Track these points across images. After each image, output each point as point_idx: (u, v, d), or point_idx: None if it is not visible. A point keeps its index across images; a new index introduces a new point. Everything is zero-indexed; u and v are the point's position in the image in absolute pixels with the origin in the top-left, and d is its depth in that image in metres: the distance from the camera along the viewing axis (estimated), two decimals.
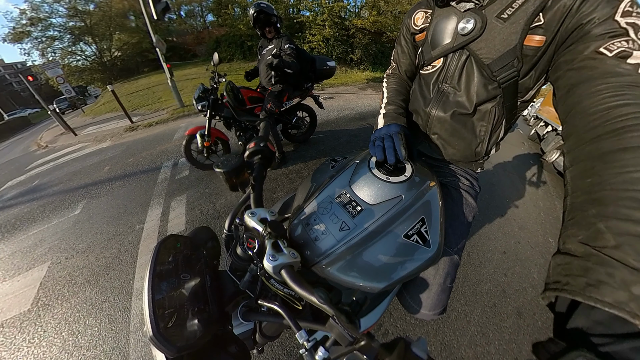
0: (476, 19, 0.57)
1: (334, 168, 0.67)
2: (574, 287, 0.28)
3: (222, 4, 16.54)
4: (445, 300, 0.68)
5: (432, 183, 0.57)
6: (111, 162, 3.85)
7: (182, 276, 0.43)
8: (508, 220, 2.71)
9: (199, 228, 0.56)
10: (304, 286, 0.36)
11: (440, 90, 0.72)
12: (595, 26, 0.41)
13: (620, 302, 0.24)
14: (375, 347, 0.31)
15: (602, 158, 0.33)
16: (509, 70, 0.57)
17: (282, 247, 0.41)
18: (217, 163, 0.51)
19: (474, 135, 0.72)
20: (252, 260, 0.47)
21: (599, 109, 0.37)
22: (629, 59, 0.37)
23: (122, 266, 1.86)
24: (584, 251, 0.29)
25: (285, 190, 2.63)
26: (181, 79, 10.37)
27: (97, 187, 3.09)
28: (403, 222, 0.51)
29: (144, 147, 4.24)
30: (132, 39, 20.12)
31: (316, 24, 11.82)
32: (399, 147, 0.60)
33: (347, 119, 5.03)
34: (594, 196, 0.32)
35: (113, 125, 6.22)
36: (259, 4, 2.34)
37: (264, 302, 0.46)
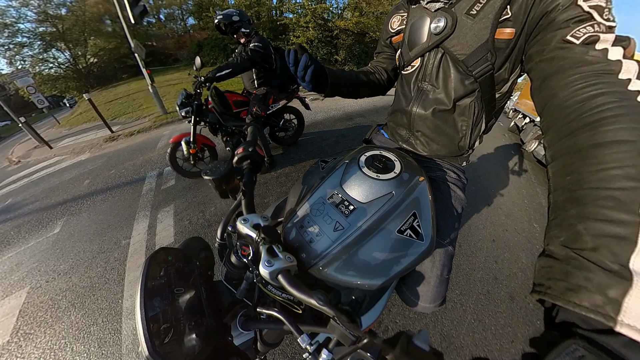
0: (447, 17, 0.60)
1: (324, 169, 0.67)
2: (555, 291, 0.29)
3: (203, 7, 16.23)
4: (443, 291, 0.69)
5: (421, 178, 0.58)
6: (91, 175, 3.66)
7: (175, 290, 0.41)
8: (495, 209, 2.81)
9: (191, 239, 0.55)
10: (303, 289, 0.36)
11: (420, 88, 0.75)
12: (559, 13, 0.42)
13: (597, 305, 0.25)
14: (378, 344, 0.31)
15: (579, 154, 0.33)
16: (483, 64, 0.59)
17: (277, 252, 0.41)
18: (206, 170, 0.50)
19: (456, 130, 0.74)
20: (248, 268, 0.46)
21: (573, 102, 0.37)
22: (597, 45, 0.38)
23: (109, 285, 1.77)
24: (564, 254, 0.30)
25: (276, 194, 2.61)
26: (163, 85, 10.05)
27: (77, 203, 2.92)
28: (395, 218, 0.52)
29: (126, 158, 4.07)
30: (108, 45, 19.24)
31: (299, 26, 11.90)
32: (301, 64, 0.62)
33: (334, 119, 5.07)
34: (573, 195, 0.32)
35: (92, 136, 5.90)
36: (217, 14, 2.29)
37: (263, 310, 0.46)
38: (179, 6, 21.41)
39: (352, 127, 4.65)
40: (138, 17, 4.47)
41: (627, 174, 0.28)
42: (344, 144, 3.87)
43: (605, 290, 0.25)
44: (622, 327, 0.23)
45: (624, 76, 0.35)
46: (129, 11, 4.36)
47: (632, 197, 0.27)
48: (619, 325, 0.23)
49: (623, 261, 0.25)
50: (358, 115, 5.46)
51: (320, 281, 0.55)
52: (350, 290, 0.63)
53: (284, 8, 13.22)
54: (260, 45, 2.36)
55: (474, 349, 1.41)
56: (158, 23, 22.55)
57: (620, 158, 0.30)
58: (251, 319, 0.46)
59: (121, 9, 4.56)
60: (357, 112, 5.72)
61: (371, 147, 0.66)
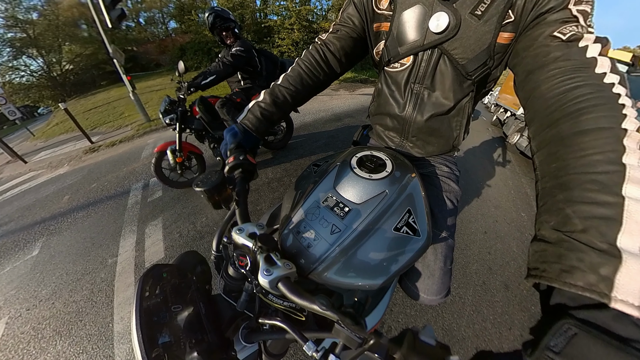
0: (450, 15, 0.53)
1: (316, 173, 0.67)
2: (550, 274, 0.30)
3: (185, 10, 15.89)
4: (448, 282, 0.70)
5: (413, 175, 0.59)
6: (71, 190, 3.47)
7: (173, 308, 0.40)
8: (484, 202, 2.90)
9: (185, 253, 0.53)
10: (304, 296, 0.35)
11: (413, 92, 0.69)
12: (551, 14, 0.44)
13: (591, 284, 0.26)
14: (384, 344, 0.31)
15: (563, 142, 0.35)
16: (482, 68, 0.58)
17: (275, 259, 0.40)
18: (197, 182, 0.49)
19: (452, 130, 0.74)
20: (247, 279, 0.45)
21: (555, 93, 0.39)
22: (580, 42, 0.41)
23: (97, 309, 1.69)
24: (556, 237, 0.31)
25: (269, 201, 2.58)
26: (145, 91, 9.77)
27: (56, 221, 2.77)
28: (391, 216, 0.52)
29: (108, 170, 3.90)
30: (85, 50, 18.24)
31: (284, 28, 11.94)
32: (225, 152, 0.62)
33: (323, 120, 5.10)
34: (560, 181, 0.34)
35: (70, 148, 5.61)
36: (213, 7, 2.29)
37: (265, 320, 0.45)
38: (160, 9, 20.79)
39: (341, 127, 4.68)
40: (116, 21, 4.31)
41: (608, 158, 0.31)
42: (334, 145, 3.89)
43: (598, 269, 0.26)
44: (617, 303, 0.24)
45: (599, 70, 0.38)
46: (105, 15, 4.19)
47: (614, 179, 0.29)
48: (613, 301, 0.24)
49: (611, 240, 0.27)
50: (347, 115, 5.51)
51: (321, 286, 0.54)
52: (352, 292, 0.63)
53: (268, 10, 13.21)
54: (242, 49, 2.37)
55: (475, 340, 1.44)
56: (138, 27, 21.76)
57: (600, 144, 0.32)
58: (254, 331, 0.45)
59: (97, 13, 4.39)
60: (346, 112, 5.77)
61: (362, 148, 0.67)
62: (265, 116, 0.69)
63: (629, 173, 0.29)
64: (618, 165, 0.30)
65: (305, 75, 0.73)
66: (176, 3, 17.62)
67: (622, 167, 0.29)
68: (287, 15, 12.16)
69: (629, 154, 0.30)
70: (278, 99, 0.71)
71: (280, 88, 0.72)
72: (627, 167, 0.29)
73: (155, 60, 19.41)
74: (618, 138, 0.31)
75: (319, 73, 0.75)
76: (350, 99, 7.45)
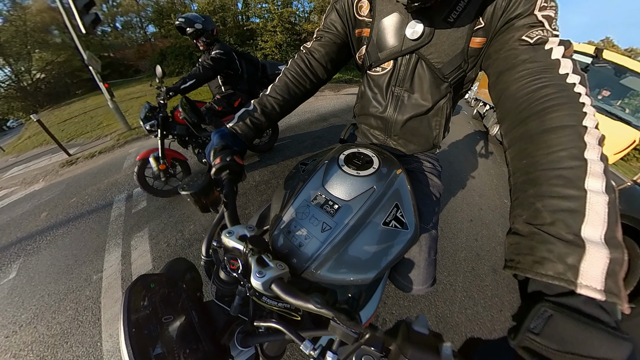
0: (424, 23, 0.57)
1: (304, 172, 0.67)
2: (524, 265, 0.32)
3: (164, 14, 15.09)
4: (433, 272, 0.73)
5: (399, 171, 0.60)
6: (48, 206, 3.25)
7: (164, 319, 0.39)
8: (469, 191, 3.01)
9: (173, 261, 0.51)
10: (298, 295, 0.35)
11: (394, 94, 0.73)
12: (519, 19, 0.48)
13: (559, 273, 0.28)
14: (380, 337, 0.32)
15: (532, 139, 0.37)
16: (457, 71, 0.62)
17: (267, 261, 0.40)
18: (182, 185, 0.48)
19: (431, 130, 0.78)
20: (239, 282, 0.45)
21: (523, 93, 0.42)
22: (546, 45, 0.44)
23: (83, 328, 1.60)
24: (528, 230, 0.33)
25: (257, 204, 2.55)
26: (125, 99, 9.23)
27: (34, 241, 2.59)
28: (380, 211, 0.53)
29: (88, 183, 3.69)
30: (57, 57, 16.70)
31: (267, 31, 11.76)
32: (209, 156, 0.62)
33: (309, 121, 5.09)
34: (530, 177, 0.36)
35: (45, 162, 5.18)
36: (177, 18, 2.20)
37: (261, 323, 0.44)
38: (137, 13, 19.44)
39: (327, 127, 4.70)
40: (90, 26, 4.02)
41: (572, 154, 0.33)
42: (321, 145, 3.90)
43: (565, 259, 0.28)
44: (582, 289, 0.27)
45: (562, 71, 0.40)
46: (78, 20, 3.90)
47: (577, 174, 0.31)
48: (578, 287, 0.27)
49: (576, 231, 0.29)
50: (332, 115, 5.53)
51: (314, 284, 0.54)
52: (345, 288, 0.64)
53: (250, 13, 12.92)
54: (221, 52, 2.32)
55: (468, 325, 1.49)
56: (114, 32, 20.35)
57: (564, 141, 0.34)
58: (250, 335, 0.45)
59: (69, 18, 4.07)
60: (331, 112, 5.79)
61: (349, 146, 0.67)
62: (254, 124, 0.71)
63: (590, 167, 0.31)
64: (580, 161, 0.32)
65: (292, 85, 0.76)
66: (154, 7, 16.77)
67: (584, 162, 0.32)
68: (270, 18, 12.00)
69: (589, 149, 0.32)
70: (266, 108, 0.73)
71: (268, 98, 0.74)
72: (589, 162, 0.32)
73: (134, 66, 18.28)
74: (579, 135, 0.34)
75: (305, 81, 0.77)
76: (336, 99, 7.48)
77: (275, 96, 0.74)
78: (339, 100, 7.33)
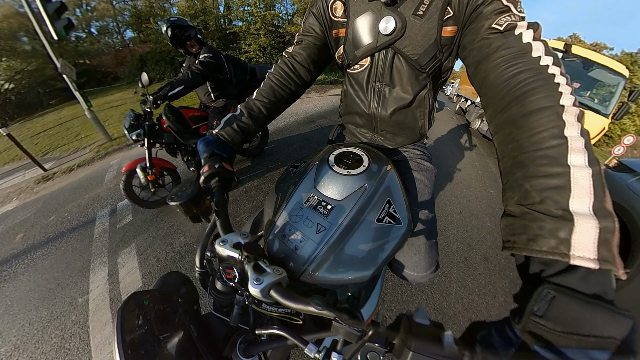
0: (395, 18, 0.59)
1: (295, 174, 0.67)
2: (520, 244, 0.33)
3: (142, 18, 14.35)
4: (435, 256, 0.72)
5: (389, 167, 0.60)
6: (24, 226, 3.01)
7: (161, 337, 0.37)
8: (457, 184, 3.10)
9: (167, 275, 0.50)
10: (298, 299, 0.35)
11: (375, 90, 0.74)
12: (485, 6, 0.49)
13: (553, 247, 0.29)
14: (383, 332, 0.32)
15: (515, 124, 0.39)
16: (434, 61, 0.63)
17: (264, 267, 0.39)
18: (171, 196, 0.46)
19: (416, 121, 0.79)
20: (237, 291, 0.44)
21: (501, 80, 0.43)
22: (515, 30, 0.45)
23: (71, 356, 1.50)
24: (520, 211, 0.34)
25: (248, 210, 2.51)
26: (104, 108, 8.67)
27: (9, 265, 2.40)
28: (372, 209, 0.53)
29: (67, 199, 3.46)
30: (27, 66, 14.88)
31: (250, 34, 11.63)
32: None
33: (297, 124, 5.08)
34: (517, 160, 0.37)
35: (18, 179, 4.69)
36: (169, 19, 2.18)
37: (262, 331, 0.43)
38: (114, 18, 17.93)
39: (315, 129, 4.71)
40: (61, 32, 3.76)
41: (552, 134, 0.34)
42: (310, 147, 3.90)
43: (557, 233, 0.29)
44: (575, 260, 0.27)
45: (535, 54, 0.42)
46: (49, 26, 3.64)
47: (560, 152, 0.33)
48: (572, 259, 0.28)
49: (564, 206, 0.30)
50: (319, 117, 5.55)
51: (313, 286, 0.54)
52: (344, 287, 0.63)
53: (232, 16, 12.70)
54: (210, 55, 2.26)
55: (465, 313, 1.53)
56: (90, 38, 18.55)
57: (544, 122, 0.35)
58: (252, 344, 0.43)
59: (39, 24, 3.79)
60: (318, 114, 5.82)
61: (338, 146, 0.68)
62: (241, 128, 0.70)
63: (571, 144, 0.33)
64: (561, 139, 0.33)
65: (277, 88, 0.77)
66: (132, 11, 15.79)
67: (564, 139, 0.33)
68: (252, 21, 11.85)
69: (568, 127, 0.34)
70: (253, 111, 0.73)
71: (255, 101, 0.74)
72: (569, 139, 0.33)
73: (113, 73, 16.93)
74: (558, 114, 0.35)
75: (290, 84, 0.78)
76: (322, 100, 7.53)
77: (261, 99, 0.74)
78: (325, 101, 7.37)
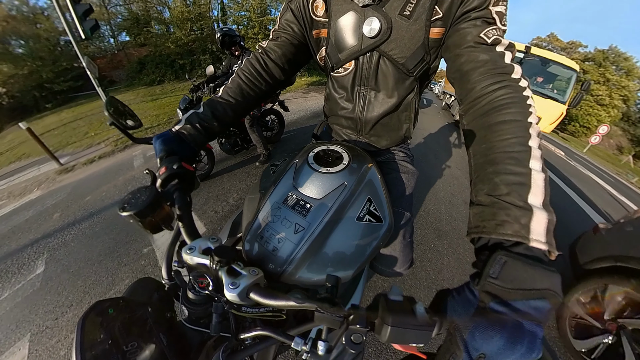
0: (380, 19, 0.47)
1: (275, 173, 0.55)
2: (488, 229, 0.31)
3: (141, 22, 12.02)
4: (410, 253, 0.65)
5: (370, 164, 0.50)
6: (58, 208, 2.57)
7: (127, 347, 0.28)
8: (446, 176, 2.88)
9: (137, 281, 0.40)
10: (278, 296, 0.29)
11: (360, 94, 0.61)
12: (475, 12, 0.43)
13: (516, 231, 0.29)
14: (363, 314, 0.28)
15: (490, 128, 0.38)
16: (422, 63, 0.52)
17: (238, 270, 0.31)
18: (123, 205, 0.32)
19: (401, 124, 0.67)
20: (212, 299, 0.34)
21: (485, 92, 0.41)
22: (498, 47, 0.42)
23: None
24: (489, 201, 0.33)
25: None
26: None
27: (55, 237, 2.10)
28: (352, 207, 0.44)
29: (99, 183, 2.97)
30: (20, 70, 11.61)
31: (249, 38, 10.52)
32: None
33: (305, 117, 4.95)
34: (489, 158, 0.36)
35: (33, 174, 3.81)
36: (222, 29, 2.43)
37: (246, 334, 0.34)
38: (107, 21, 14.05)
39: None
40: (88, 32, 3.56)
41: (520, 141, 0.34)
42: None
43: (520, 220, 0.29)
44: (533, 242, 0.28)
45: (515, 76, 0.40)
46: (78, 26, 3.43)
47: (524, 156, 0.33)
48: (531, 242, 0.28)
49: (525, 199, 0.30)
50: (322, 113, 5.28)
51: (294, 287, 0.44)
52: None
53: (230, 21, 11.23)
54: None
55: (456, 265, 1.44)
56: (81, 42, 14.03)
57: (515, 131, 0.35)
58: (236, 351, 0.34)
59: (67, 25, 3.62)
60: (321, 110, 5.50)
61: (318, 144, 0.56)
62: (204, 127, 0.54)
63: (532, 152, 0.33)
64: (526, 147, 0.34)
65: (245, 86, 0.59)
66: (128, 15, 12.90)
67: (528, 148, 0.34)
68: (251, 25, 10.61)
69: (532, 139, 0.34)
70: (217, 111, 0.56)
71: (220, 101, 0.57)
72: (532, 148, 0.33)
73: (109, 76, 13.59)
74: (526, 128, 0.35)
75: (260, 83, 0.61)
76: (322, 98, 7.06)
77: (227, 99, 0.58)
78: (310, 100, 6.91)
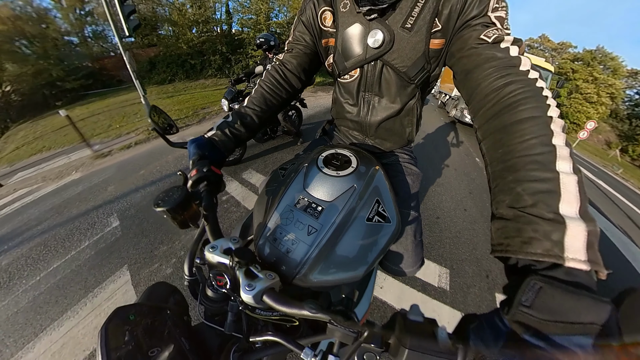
0: (384, 32, 0.48)
1: (284, 176, 0.54)
2: (514, 247, 0.27)
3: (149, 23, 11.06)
4: (421, 253, 0.63)
5: (377, 167, 0.49)
6: (110, 182, 2.44)
7: (150, 352, 0.27)
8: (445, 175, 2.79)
9: (153, 286, 0.39)
10: (292, 304, 0.27)
11: (365, 99, 0.62)
12: (474, 20, 0.41)
13: (547, 250, 0.24)
14: (378, 332, 0.25)
15: (505, 130, 0.32)
16: (422, 72, 0.52)
17: (256, 272, 0.30)
18: (157, 201, 0.34)
19: (404, 128, 0.67)
20: (229, 298, 0.33)
21: (492, 89, 0.36)
22: (502, 44, 0.38)
23: None
24: (512, 214, 0.28)
25: None
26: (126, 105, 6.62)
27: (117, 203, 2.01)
28: (362, 209, 0.43)
29: (147, 161, 2.80)
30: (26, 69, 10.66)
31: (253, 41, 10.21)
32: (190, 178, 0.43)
33: (320, 113, 4.97)
34: (507, 164, 0.31)
35: (63, 161, 3.48)
36: (261, 36, 2.58)
37: (257, 337, 0.33)
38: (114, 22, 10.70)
39: None
40: (131, 30, 3.69)
41: (542, 141, 0.29)
42: None
43: (550, 236, 0.24)
44: (569, 262, 0.23)
45: (523, 68, 0.36)
46: (124, 25, 3.57)
47: (549, 158, 0.28)
48: (566, 261, 0.23)
49: (555, 209, 0.25)
50: None
51: (306, 289, 0.43)
52: (338, 288, 0.52)
53: (238, 23, 10.72)
54: None
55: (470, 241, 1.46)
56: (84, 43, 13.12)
57: (534, 130, 0.30)
58: (246, 353, 0.33)
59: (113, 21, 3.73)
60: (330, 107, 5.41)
61: (326, 148, 0.54)
62: (234, 134, 0.57)
63: (558, 152, 0.28)
64: (550, 146, 0.28)
65: (268, 96, 0.62)
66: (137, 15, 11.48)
67: (553, 147, 0.28)
68: (257, 29, 10.02)
69: (556, 136, 0.29)
70: (245, 119, 0.59)
71: (246, 109, 0.60)
72: (557, 147, 0.28)
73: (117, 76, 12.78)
74: (547, 124, 0.30)
75: (280, 92, 0.64)
76: (329, 97, 7.07)
77: (253, 107, 0.60)
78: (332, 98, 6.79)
